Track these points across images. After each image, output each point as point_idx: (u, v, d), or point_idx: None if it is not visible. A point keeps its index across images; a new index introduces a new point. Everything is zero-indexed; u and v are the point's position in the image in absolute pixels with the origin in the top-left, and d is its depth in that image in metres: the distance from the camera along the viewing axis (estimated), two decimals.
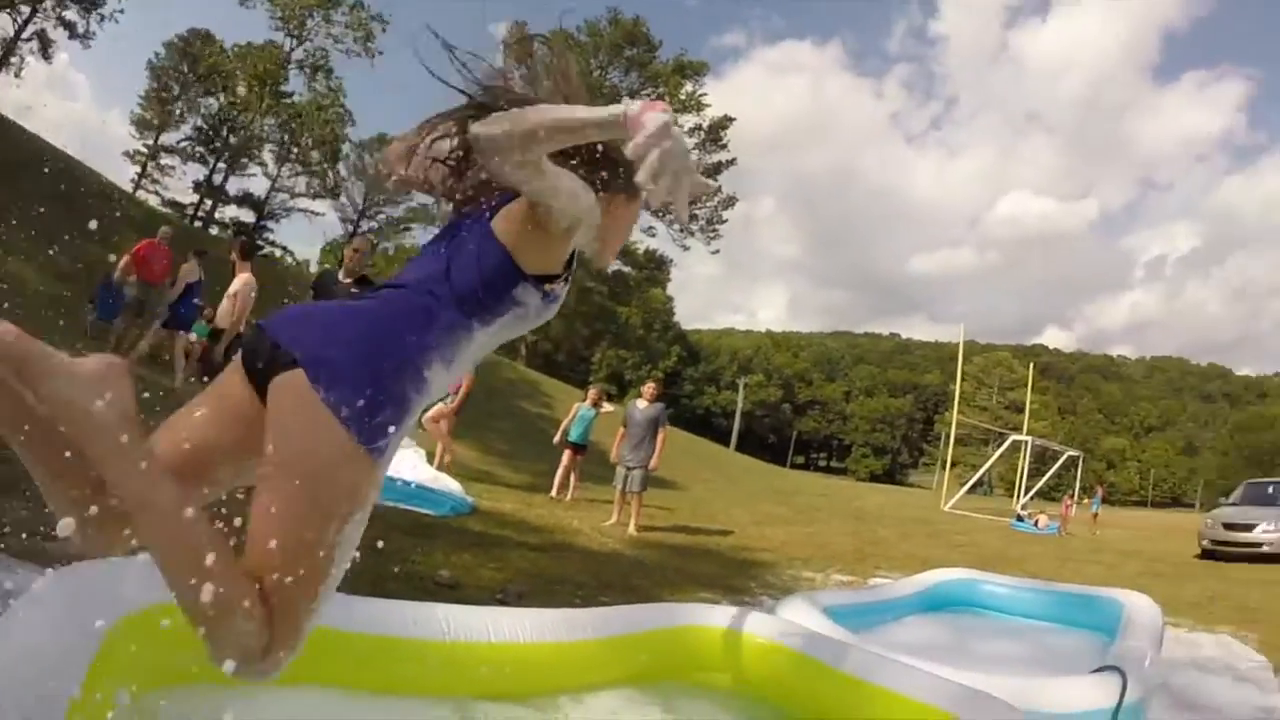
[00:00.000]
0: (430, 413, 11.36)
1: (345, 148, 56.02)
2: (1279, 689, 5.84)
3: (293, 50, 46.98)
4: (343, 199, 62.79)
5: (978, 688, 3.16)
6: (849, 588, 8.16)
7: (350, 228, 65.10)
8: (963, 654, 5.51)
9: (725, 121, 56.04)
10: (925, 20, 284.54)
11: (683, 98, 54.90)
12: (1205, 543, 17.03)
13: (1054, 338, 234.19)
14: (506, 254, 1.76)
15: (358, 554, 1.59)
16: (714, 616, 4.02)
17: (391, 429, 1.58)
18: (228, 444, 1.68)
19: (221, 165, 48.74)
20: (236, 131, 46.09)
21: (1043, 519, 26.08)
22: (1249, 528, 16.27)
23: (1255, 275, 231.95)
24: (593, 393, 13.68)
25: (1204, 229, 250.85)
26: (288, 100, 47.84)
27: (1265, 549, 15.70)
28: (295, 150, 49.06)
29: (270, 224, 52.77)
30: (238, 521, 1.55)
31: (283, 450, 1.52)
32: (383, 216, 66.72)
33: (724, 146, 56.12)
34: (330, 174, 52.10)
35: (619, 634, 3.60)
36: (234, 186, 50.70)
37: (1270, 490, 19.18)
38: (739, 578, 8.01)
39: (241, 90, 45.48)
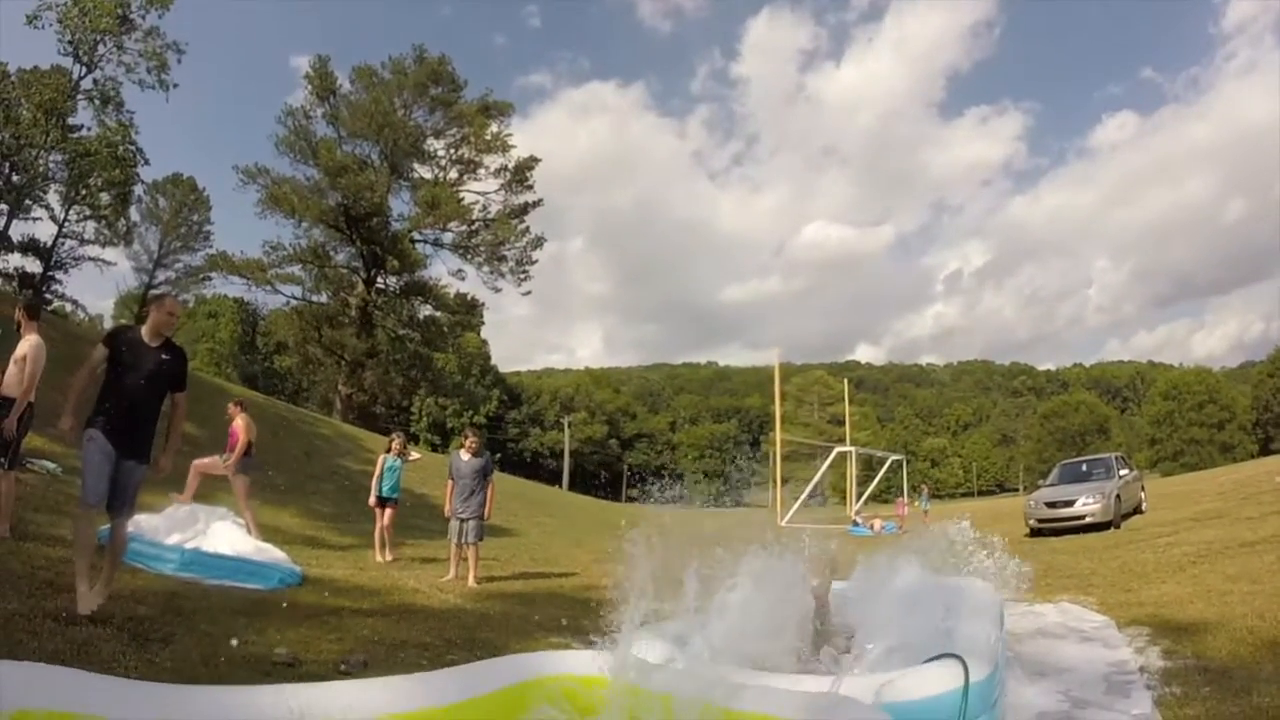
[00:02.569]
0: (199, 461, 10.95)
1: (138, 189, 51.03)
2: (1125, 643, 6.23)
3: (81, 78, 43.17)
4: (136, 246, 59.41)
5: (832, 693, 3.24)
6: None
7: (145, 278, 61.34)
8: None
9: (531, 162, 55.93)
10: (727, 63, 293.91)
11: (488, 138, 54.79)
12: (1032, 521, 18.04)
13: (865, 353, 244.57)
14: None
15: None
16: (566, 663, 3.97)
17: None
18: None
19: (3, 207, 43.78)
20: (20, 169, 41.83)
21: (877, 522, 27.04)
22: (1070, 503, 17.36)
23: (1044, 282, 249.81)
24: (396, 443, 13.14)
25: (995, 244, 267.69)
26: (75, 135, 43.87)
27: (1087, 519, 16.81)
28: (84, 192, 45.06)
29: (59, 275, 48.35)
30: None
31: None
32: (180, 265, 63.32)
33: (530, 187, 56.04)
34: (122, 219, 48.26)
35: (472, 694, 3.48)
36: (17, 231, 45.96)
37: (1084, 467, 20.69)
38: (587, 618, 7.95)
39: (26, 119, 41.10)
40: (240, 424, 10.97)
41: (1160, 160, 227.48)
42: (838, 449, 39.87)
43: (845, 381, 56.77)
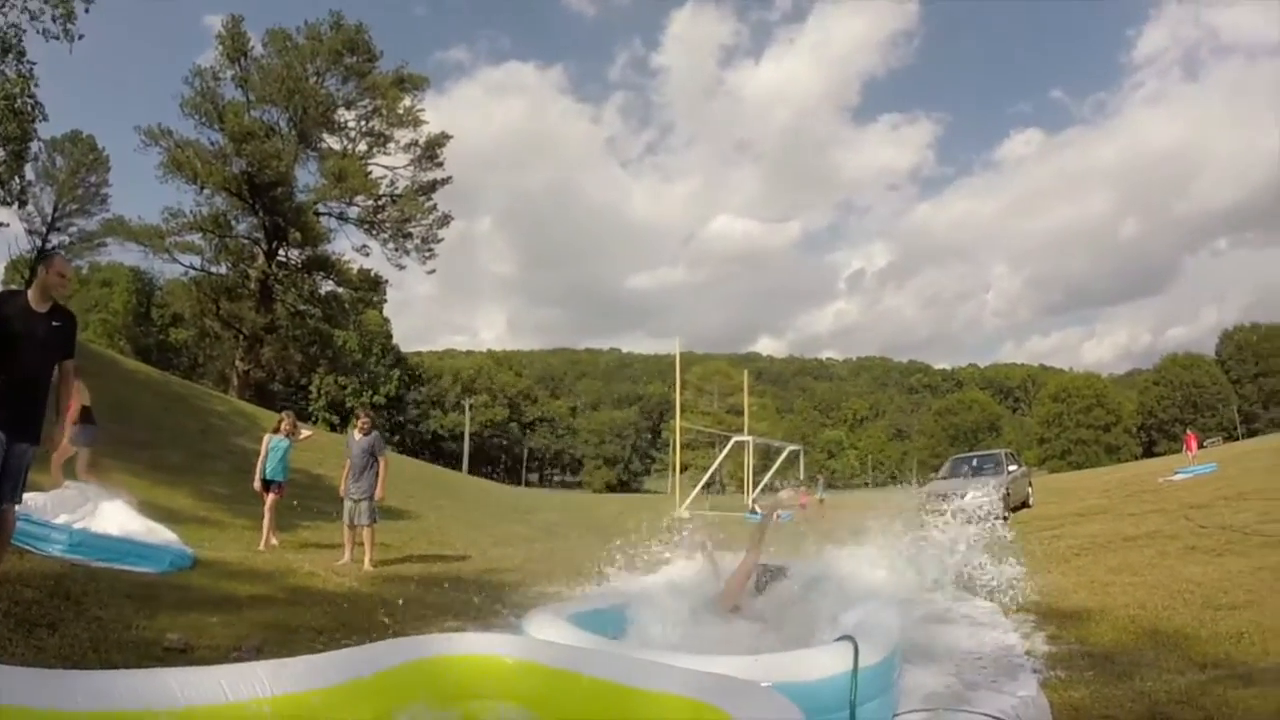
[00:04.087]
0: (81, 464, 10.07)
1: (34, 146, 48.98)
2: (1013, 629, 6.49)
3: None
4: (30, 208, 54.93)
5: (725, 673, 3.31)
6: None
7: (38, 241, 58.88)
8: (710, 640, 5.71)
9: (443, 139, 54.98)
10: (647, 53, 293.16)
11: (400, 111, 53.57)
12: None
13: (767, 346, 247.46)
14: None
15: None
16: (461, 644, 3.95)
17: None
18: None
19: None
20: None
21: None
22: (960, 496, 17.84)
23: (944, 285, 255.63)
24: (285, 422, 12.38)
25: (898, 246, 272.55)
26: None
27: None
28: None
29: None
30: None
31: None
32: (75, 229, 61.07)
33: (440, 164, 55.03)
34: (16, 177, 45.51)
35: (364, 675, 3.45)
36: None
37: (974, 462, 21.46)
38: (484, 602, 7.94)
39: None
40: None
41: (1062, 177, 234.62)
42: (736, 438, 40.35)
43: (745, 372, 57.63)
